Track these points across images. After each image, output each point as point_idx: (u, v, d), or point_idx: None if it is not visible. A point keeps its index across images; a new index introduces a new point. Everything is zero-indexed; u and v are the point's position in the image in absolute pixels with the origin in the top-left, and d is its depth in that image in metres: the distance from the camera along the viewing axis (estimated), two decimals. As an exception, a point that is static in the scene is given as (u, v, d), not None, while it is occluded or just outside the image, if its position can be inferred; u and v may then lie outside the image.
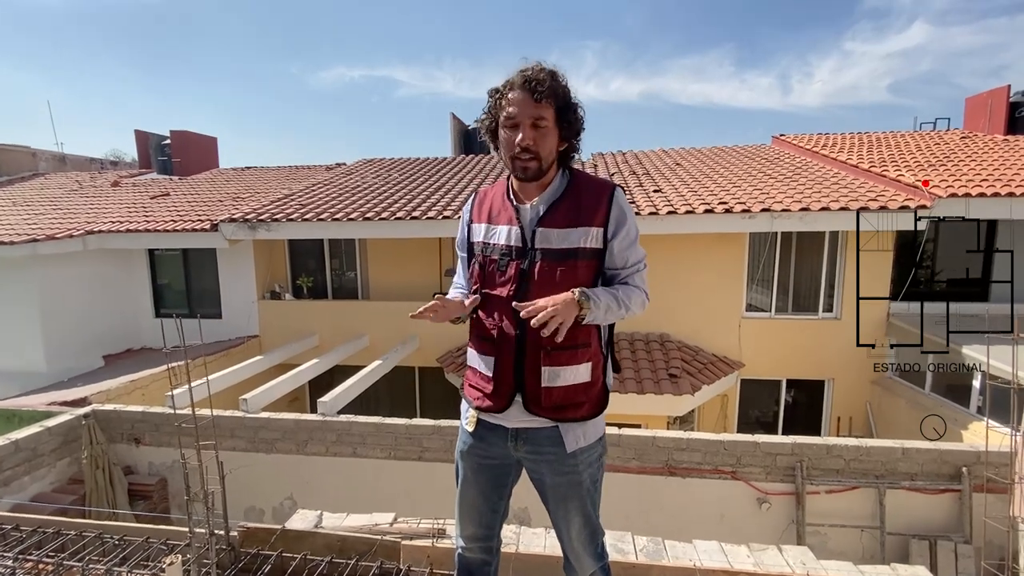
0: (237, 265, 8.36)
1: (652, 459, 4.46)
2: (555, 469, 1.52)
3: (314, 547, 2.13)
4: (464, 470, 1.64)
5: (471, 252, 1.60)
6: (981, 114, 10.19)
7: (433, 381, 8.36)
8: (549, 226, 1.45)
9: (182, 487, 5.14)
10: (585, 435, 1.52)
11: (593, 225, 1.44)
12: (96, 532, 2.24)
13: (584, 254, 1.44)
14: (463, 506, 1.67)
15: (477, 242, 1.57)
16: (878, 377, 7.19)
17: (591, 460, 1.55)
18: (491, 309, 1.52)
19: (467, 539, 1.71)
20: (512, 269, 1.47)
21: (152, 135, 13.51)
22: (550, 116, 1.40)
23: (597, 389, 1.54)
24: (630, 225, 1.48)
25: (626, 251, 1.49)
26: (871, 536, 4.30)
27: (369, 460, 4.90)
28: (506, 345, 1.48)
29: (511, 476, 1.64)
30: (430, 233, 7.54)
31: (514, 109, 1.40)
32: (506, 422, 1.53)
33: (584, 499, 1.55)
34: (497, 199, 1.57)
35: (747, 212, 6.61)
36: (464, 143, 13.56)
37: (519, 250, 1.47)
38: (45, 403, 5.63)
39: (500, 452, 1.57)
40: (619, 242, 1.47)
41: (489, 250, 1.53)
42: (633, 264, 1.50)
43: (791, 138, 10.92)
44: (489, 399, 1.52)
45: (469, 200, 1.66)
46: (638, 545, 2.56)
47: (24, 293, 7.35)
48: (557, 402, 1.47)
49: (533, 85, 1.38)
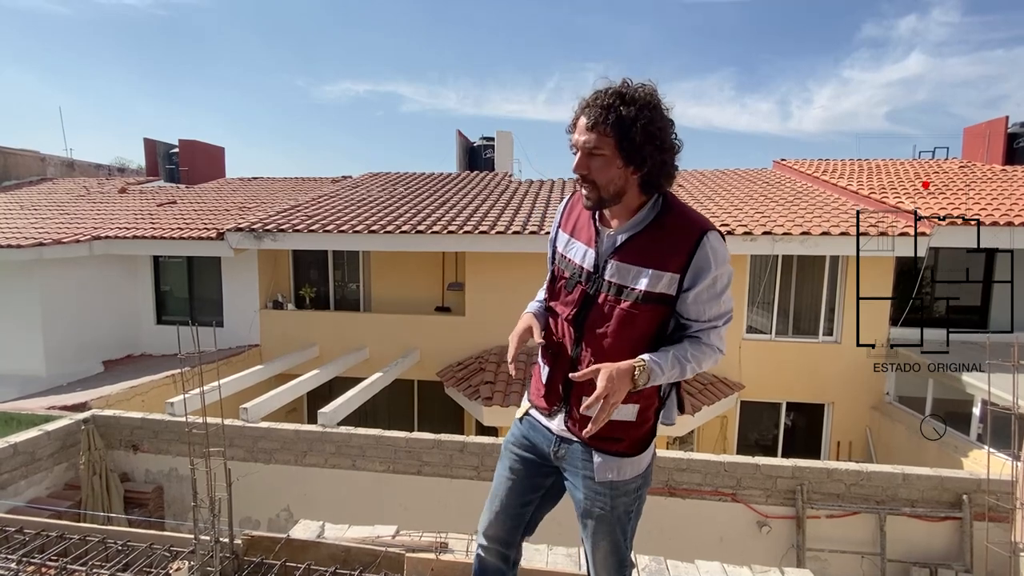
0: (241, 274, 8.40)
1: (652, 479, 4.45)
2: (587, 487, 1.48)
3: (318, 557, 2.13)
4: (505, 459, 1.63)
5: (553, 258, 1.56)
6: (980, 144, 10.35)
7: (432, 395, 8.34)
8: (623, 260, 1.35)
9: (178, 495, 5.14)
10: (619, 471, 1.45)
11: (667, 270, 1.31)
12: (100, 537, 2.24)
13: (650, 298, 1.32)
14: (493, 497, 1.64)
15: (558, 252, 1.53)
16: (878, 402, 7.20)
17: (627, 490, 1.48)
18: (555, 322, 1.50)
19: (488, 538, 1.67)
20: (578, 292, 1.43)
21: (160, 143, 13.67)
22: (607, 145, 1.26)
23: (643, 431, 1.47)
24: (717, 276, 1.31)
25: (704, 304, 1.33)
26: (871, 563, 4.27)
27: (368, 473, 4.87)
28: (561, 361, 1.47)
29: (548, 480, 1.60)
30: (434, 247, 7.59)
31: (575, 135, 1.32)
32: (552, 426, 1.53)
33: (613, 526, 1.49)
34: (585, 213, 1.47)
35: (749, 235, 6.68)
36: (469, 159, 13.72)
37: (589, 275, 1.41)
38: (44, 407, 5.61)
39: (542, 451, 1.56)
40: (697, 293, 1.32)
41: (564, 264, 1.49)
42: (712, 319, 1.35)
43: (792, 163, 11.06)
44: (542, 399, 1.54)
45: (565, 199, 1.58)
46: (640, 564, 2.56)
47: (26, 297, 7.36)
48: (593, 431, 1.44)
49: (588, 111, 1.28)
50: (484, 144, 13.82)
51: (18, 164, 12.86)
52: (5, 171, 12.51)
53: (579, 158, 1.32)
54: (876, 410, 7.16)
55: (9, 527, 2.32)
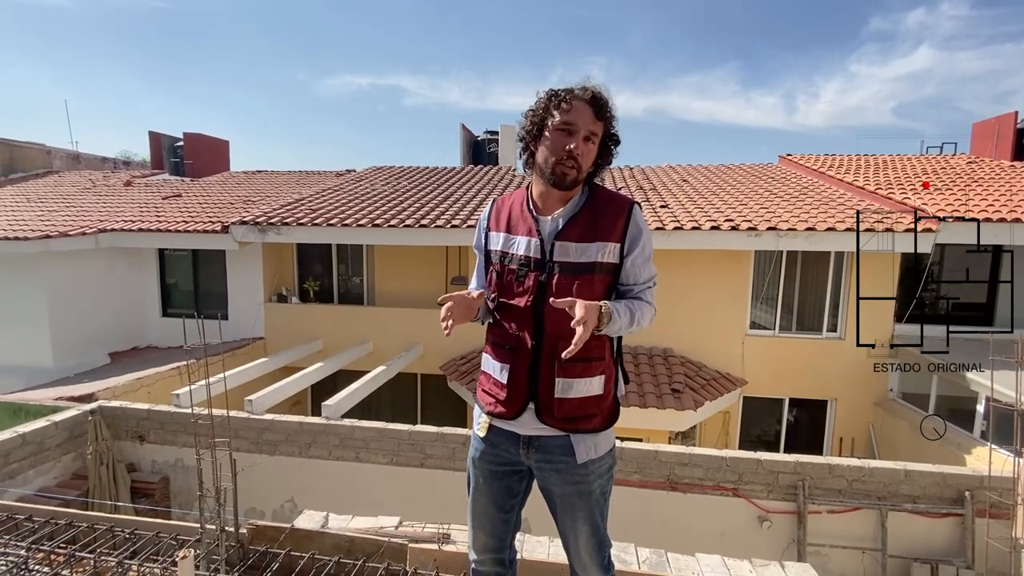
0: (245, 267, 8.44)
1: (654, 473, 4.47)
2: (565, 478, 1.53)
3: (322, 547, 2.15)
4: (476, 477, 1.64)
5: (488, 260, 1.61)
6: (988, 139, 10.26)
7: (435, 389, 8.37)
8: (568, 239, 1.47)
9: (184, 486, 5.19)
10: (596, 447, 1.53)
11: (610, 240, 1.47)
12: (107, 525, 2.27)
13: (601, 268, 1.47)
14: (475, 515, 1.67)
15: (495, 250, 1.58)
16: (881, 399, 7.18)
17: (601, 471, 1.56)
18: (509, 318, 1.53)
19: (479, 551, 1.70)
20: (530, 280, 1.49)
21: (165, 137, 13.69)
22: (600, 135, 1.46)
23: (609, 401, 1.56)
24: (645, 242, 1.51)
25: (640, 268, 1.52)
26: (872, 558, 4.28)
27: (371, 465, 4.91)
28: (522, 354, 1.50)
29: (523, 483, 1.64)
30: (437, 241, 7.60)
31: (574, 117, 1.43)
32: (518, 429, 1.53)
33: (593, 509, 1.56)
34: (516, 208, 1.58)
35: (753, 230, 6.65)
36: (473, 154, 13.68)
37: (537, 261, 1.49)
38: (52, 398, 5.67)
39: (512, 459, 1.57)
40: (634, 258, 1.50)
41: (508, 259, 1.54)
42: (645, 280, 1.53)
43: (798, 158, 10.99)
44: (502, 405, 1.54)
45: (487, 207, 1.67)
46: (640, 556, 2.58)
47: (33, 289, 7.42)
48: (569, 413, 1.49)
49: (600, 102, 1.44)
50: (488, 138, 13.78)
51: (24, 157, 12.91)
52: (11, 164, 12.57)
53: (579, 141, 1.43)
54: (879, 406, 7.15)
55: (19, 515, 2.35)
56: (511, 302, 1.52)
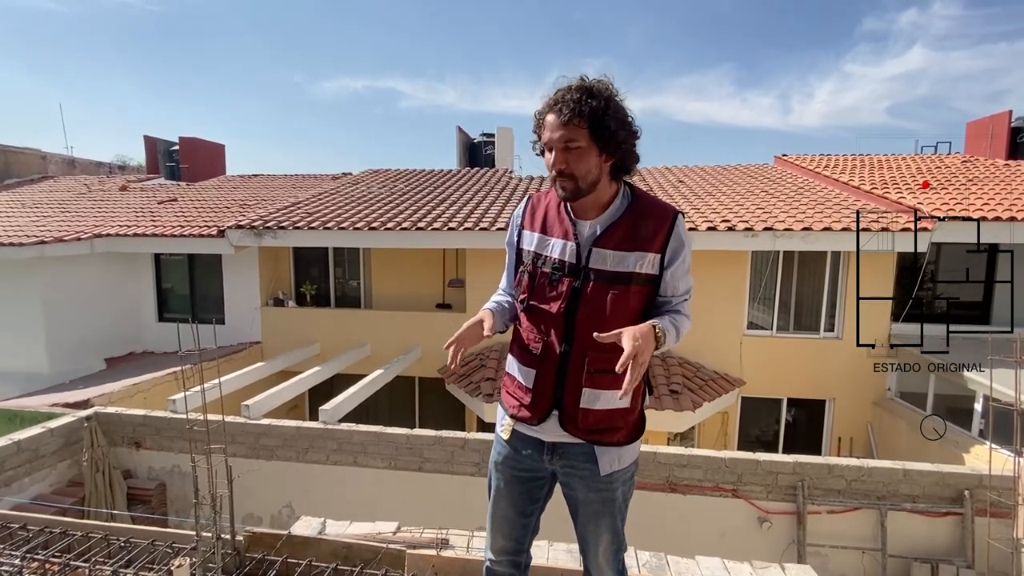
0: (242, 271, 8.41)
1: (653, 475, 4.46)
2: (589, 486, 1.50)
3: (319, 553, 2.14)
4: (497, 481, 1.61)
5: (519, 259, 1.55)
6: (982, 139, 10.30)
7: (433, 392, 8.35)
8: (605, 246, 1.41)
9: (180, 492, 5.16)
10: (620, 459, 1.50)
11: (650, 251, 1.40)
12: (102, 533, 2.25)
13: (638, 279, 1.41)
14: (495, 518, 1.64)
15: (527, 250, 1.51)
16: (879, 398, 7.19)
17: (625, 478, 1.54)
18: (538, 322, 1.48)
19: (496, 552, 1.68)
20: (564, 286, 1.43)
21: (161, 141, 13.65)
22: (583, 136, 1.34)
23: (635, 416, 1.51)
24: (686, 253, 1.44)
25: (679, 280, 1.45)
26: (872, 558, 4.28)
27: (369, 470, 4.88)
28: (549, 361, 1.46)
29: (545, 489, 1.62)
30: (434, 244, 7.59)
31: (547, 134, 1.38)
32: (542, 435, 1.50)
33: (615, 516, 1.54)
34: (552, 209, 1.51)
35: (750, 231, 6.66)
36: (469, 156, 13.69)
37: (572, 267, 1.43)
38: (47, 404, 5.63)
39: (535, 465, 1.54)
40: (674, 270, 1.43)
41: (541, 262, 1.48)
42: (683, 292, 1.47)
43: (793, 158, 11.02)
44: (527, 410, 1.50)
45: (522, 203, 1.61)
46: (641, 559, 2.56)
47: (28, 295, 7.38)
48: (593, 425, 1.45)
49: (559, 108, 1.35)
50: (484, 140, 13.79)
51: (19, 162, 12.87)
52: (6, 169, 12.52)
53: (556, 155, 1.36)
54: (878, 406, 7.15)
55: (13, 523, 2.33)
56: (542, 306, 1.46)
